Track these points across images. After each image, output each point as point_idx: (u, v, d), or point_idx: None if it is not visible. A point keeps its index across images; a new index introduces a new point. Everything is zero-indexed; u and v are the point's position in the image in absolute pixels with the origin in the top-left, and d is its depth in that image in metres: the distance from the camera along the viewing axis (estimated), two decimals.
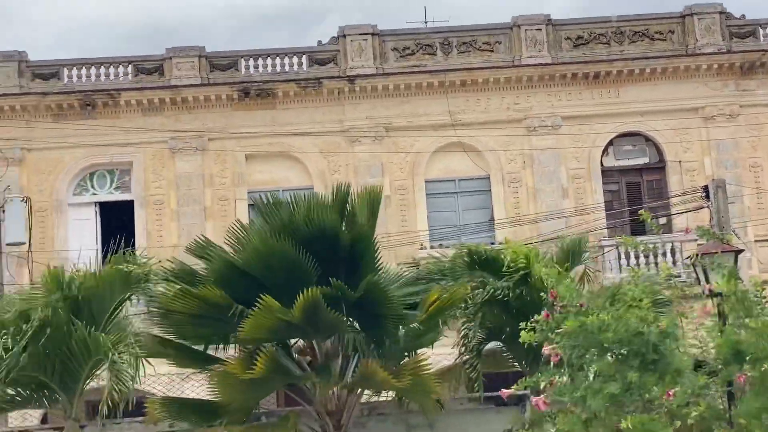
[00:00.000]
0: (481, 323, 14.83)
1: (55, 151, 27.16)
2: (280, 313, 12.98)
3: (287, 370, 14.01)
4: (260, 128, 27.42)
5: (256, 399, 14.09)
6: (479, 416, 15.61)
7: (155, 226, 27.15)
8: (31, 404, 14.20)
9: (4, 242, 24.29)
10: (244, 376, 12.90)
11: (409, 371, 13.34)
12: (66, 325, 13.46)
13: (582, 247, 16.07)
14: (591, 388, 9.19)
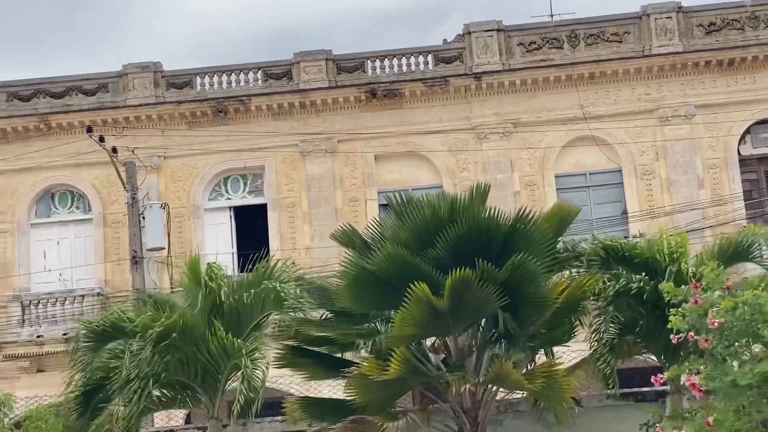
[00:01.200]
0: (614, 317, 14.56)
1: (190, 158, 27.90)
2: (431, 301, 12.97)
3: (421, 369, 14.04)
4: (388, 128, 27.60)
5: (392, 399, 14.16)
6: (617, 412, 15.38)
7: (288, 229, 27.59)
8: (176, 404, 14.59)
9: (145, 248, 25.02)
10: (379, 377, 12.99)
11: (542, 374, 13.19)
12: (206, 329, 13.77)
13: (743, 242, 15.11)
14: (741, 371, 8.97)
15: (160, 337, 13.12)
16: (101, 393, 14.05)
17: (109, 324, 14.33)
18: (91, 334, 14.38)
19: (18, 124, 28.02)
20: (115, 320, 14.34)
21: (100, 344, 14.31)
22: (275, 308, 14.27)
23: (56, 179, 28.19)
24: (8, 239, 27.85)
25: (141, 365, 12.84)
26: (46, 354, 26.48)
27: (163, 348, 13.08)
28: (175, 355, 13.21)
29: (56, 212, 28.49)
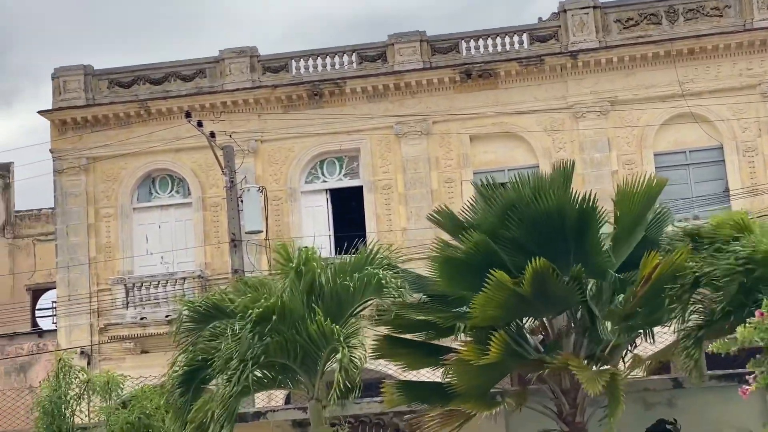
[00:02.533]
0: (703, 300, 14.17)
1: (287, 141, 28.16)
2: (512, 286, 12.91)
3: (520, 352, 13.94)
4: (483, 109, 27.45)
5: (491, 382, 14.09)
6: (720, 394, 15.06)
7: (384, 210, 27.67)
8: (276, 385, 14.75)
9: (243, 231, 25.34)
10: (478, 362, 12.94)
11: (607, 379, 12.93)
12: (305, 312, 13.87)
13: None
14: None
15: (259, 319, 13.25)
16: (203, 373, 14.26)
17: (212, 304, 14.50)
18: (194, 314, 14.57)
19: (119, 111, 28.62)
20: (217, 301, 14.51)
21: (202, 324, 14.51)
22: (376, 294, 14.30)
23: (156, 164, 28.74)
24: (111, 223, 28.50)
25: (241, 346, 13.00)
26: (150, 335, 27.08)
27: (262, 329, 13.21)
28: (274, 337, 13.32)
29: (157, 196, 29.04)
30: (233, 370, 12.92)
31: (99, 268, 28.22)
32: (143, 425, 15.96)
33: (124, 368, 25.18)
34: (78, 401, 16.92)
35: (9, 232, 35.39)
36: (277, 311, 13.33)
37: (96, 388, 16.91)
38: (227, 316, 14.19)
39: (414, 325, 14.61)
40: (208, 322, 14.44)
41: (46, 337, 29.74)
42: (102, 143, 28.59)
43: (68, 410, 16.77)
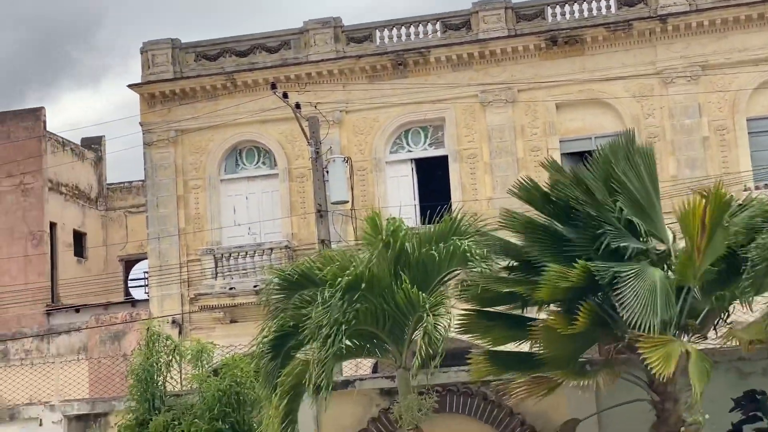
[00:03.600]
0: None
1: (371, 111, 28.16)
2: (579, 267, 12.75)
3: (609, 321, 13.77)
4: (569, 76, 27.09)
5: (579, 351, 13.94)
6: None
7: (469, 180, 27.55)
8: (364, 353, 14.80)
9: (329, 201, 25.48)
10: (566, 331, 12.83)
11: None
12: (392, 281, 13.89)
13: None
14: None
15: (348, 287, 13.30)
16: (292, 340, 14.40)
17: (300, 273, 14.60)
18: (283, 282, 14.68)
19: (206, 83, 28.92)
20: (305, 269, 14.60)
21: (291, 292, 14.62)
22: (461, 265, 14.25)
23: (243, 136, 29.01)
24: (200, 195, 28.89)
25: (332, 312, 13.08)
26: (239, 305, 27.44)
27: (351, 297, 13.27)
28: (363, 305, 13.38)
29: (244, 168, 29.33)
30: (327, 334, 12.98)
31: (188, 239, 28.66)
32: (234, 392, 16.17)
33: (214, 337, 25.58)
34: (169, 369, 17.22)
35: (101, 204, 36.19)
36: (365, 279, 13.37)
37: (186, 356, 17.19)
38: (315, 284, 14.27)
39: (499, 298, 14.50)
40: (297, 290, 14.53)
41: (138, 306, 30.37)
42: (190, 116, 28.94)
43: (160, 377, 17.08)
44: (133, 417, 16.80)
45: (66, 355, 27.60)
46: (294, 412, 13.76)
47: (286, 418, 13.60)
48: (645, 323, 12.24)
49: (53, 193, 33.14)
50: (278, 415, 13.46)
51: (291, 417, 13.69)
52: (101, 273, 34.75)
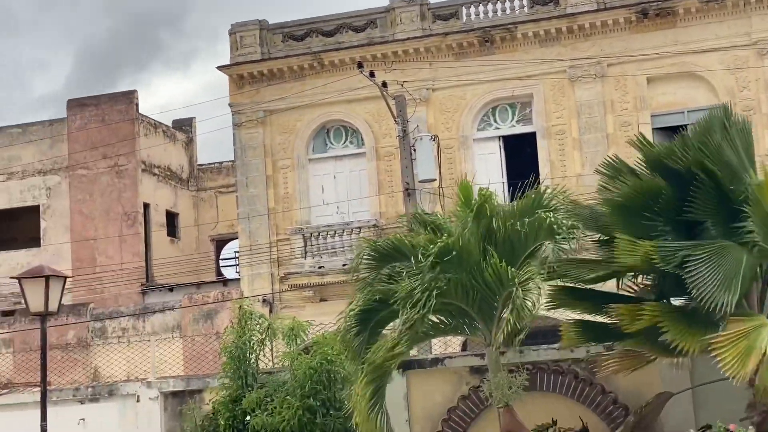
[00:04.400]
0: None
1: (458, 89, 28.04)
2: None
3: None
4: (661, 49, 26.59)
5: None
6: None
7: (558, 156, 27.28)
8: (453, 331, 14.79)
9: (417, 179, 25.48)
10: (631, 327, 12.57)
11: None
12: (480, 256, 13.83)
13: None
14: None
15: (438, 258, 13.26)
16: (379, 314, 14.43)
17: (391, 245, 14.58)
18: (374, 254, 14.68)
19: (293, 63, 29.10)
20: (396, 242, 14.58)
21: (380, 265, 14.63)
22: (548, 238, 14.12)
23: (330, 115, 29.14)
24: (289, 175, 29.14)
25: (421, 281, 13.06)
26: (328, 284, 27.64)
27: (440, 270, 13.23)
28: (451, 279, 13.34)
29: (332, 147, 29.48)
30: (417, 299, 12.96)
31: (278, 218, 28.95)
32: (325, 370, 16.32)
33: (304, 316, 25.76)
34: (261, 347, 17.44)
35: (193, 185, 36.76)
36: (453, 252, 13.31)
37: (278, 334, 17.38)
38: (405, 257, 14.27)
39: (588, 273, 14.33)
40: (387, 263, 14.54)
41: (230, 285, 30.81)
42: (278, 96, 29.17)
43: (253, 355, 17.31)
44: (227, 394, 17.07)
45: (161, 333, 28.15)
46: (382, 389, 13.80)
47: (374, 395, 13.66)
48: (719, 302, 11.78)
49: (146, 174, 33.76)
50: (365, 392, 13.52)
51: (379, 394, 13.73)
52: (193, 252, 35.33)
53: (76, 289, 30.59)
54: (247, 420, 16.56)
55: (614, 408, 15.07)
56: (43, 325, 15.03)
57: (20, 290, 15.15)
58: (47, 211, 33.45)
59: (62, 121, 33.87)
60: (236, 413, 16.77)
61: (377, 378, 13.63)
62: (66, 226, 33.11)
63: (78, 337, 29.72)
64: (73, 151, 33.31)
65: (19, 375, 29.30)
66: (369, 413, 13.51)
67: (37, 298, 14.76)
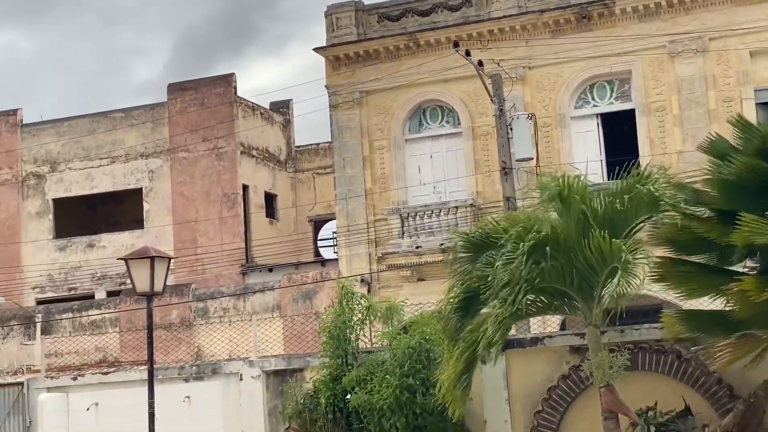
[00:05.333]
0: None
1: (555, 67, 27.76)
2: None
3: None
4: (764, 21, 25.89)
5: None
6: None
7: (657, 133, 26.84)
8: (552, 310, 14.74)
9: (513, 159, 25.34)
10: (759, 297, 12.34)
11: None
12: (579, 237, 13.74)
13: None
14: None
15: (533, 247, 13.25)
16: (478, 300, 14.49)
17: (484, 235, 14.65)
18: (467, 245, 14.79)
19: (389, 44, 29.14)
20: (489, 231, 14.63)
21: (476, 254, 14.71)
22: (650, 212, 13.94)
23: (426, 95, 29.11)
24: (385, 155, 29.24)
25: (515, 272, 13.07)
26: (425, 263, 27.71)
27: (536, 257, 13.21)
28: (549, 263, 13.30)
29: (428, 127, 29.48)
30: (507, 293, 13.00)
31: (375, 198, 29.10)
32: (424, 349, 16.42)
33: (402, 295, 25.94)
34: (361, 326, 17.61)
35: (290, 166, 37.17)
36: (550, 239, 13.28)
37: (377, 314, 17.53)
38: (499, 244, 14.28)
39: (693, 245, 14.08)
40: (482, 252, 14.59)
41: (328, 265, 31.11)
42: (374, 77, 29.26)
43: (353, 335, 17.49)
44: (327, 372, 17.31)
45: (261, 312, 28.57)
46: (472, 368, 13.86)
47: (464, 373, 13.72)
48: None
49: (245, 156, 34.24)
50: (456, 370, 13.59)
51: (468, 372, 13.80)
52: (291, 233, 35.75)
53: (179, 269, 31.22)
54: (348, 398, 16.78)
55: (719, 388, 14.88)
56: (149, 305, 15.41)
57: (126, 271, 15.55)
58: (150, 194, 34.19)
59: (163, 105, 34.53)
60: (336, 392, 17.01)
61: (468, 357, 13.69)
62: (168, 208, 33.80)
63: (181, 316, 30.37)
64: (174, 134, 33.96)
65: (125, 354, 30.11)
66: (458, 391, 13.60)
67: (143, 278, 15.14)
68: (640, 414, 14.50)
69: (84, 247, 34.42)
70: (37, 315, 31.37)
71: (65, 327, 31.33)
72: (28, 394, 19.26)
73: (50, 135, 35.36)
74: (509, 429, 16.35)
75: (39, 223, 35.05)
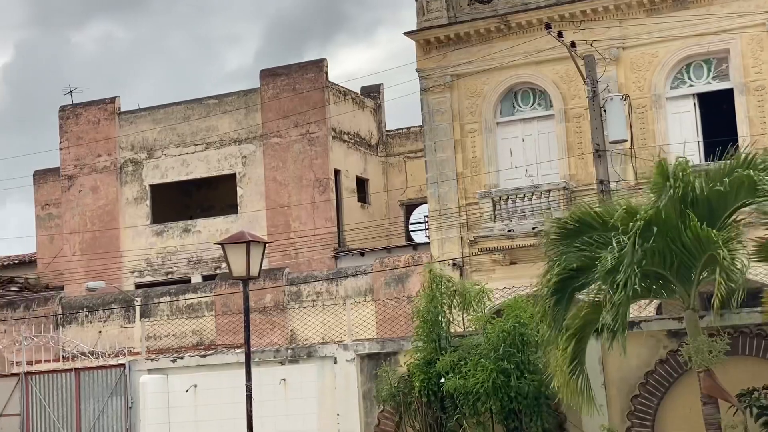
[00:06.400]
0: None
1: (650, 47, 27.28)
2: None
3: None
4: None
5: None
6: None
7: (757, 113, 26.21)
8: (650, 295, 14.59)
9: (607, 141, 25.01)
10: None
11: None
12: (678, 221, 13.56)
13: None
14: None
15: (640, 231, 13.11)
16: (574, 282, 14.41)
17: (578, 219, 14.57)
18: (561, 230, 14.71)
19: (480, 27, 28.96)
20: (582, 215, 14.53)
21: (571, 238, 14.62)
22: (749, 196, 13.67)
23: (518, 78, 28.88)
24: (476, 138, 29.12)
25: (624, 255, 12.95)
26: (517, 247, 27.56)
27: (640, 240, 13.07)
28: (649, 246, 13.14)
29: (519, 110, 29.26)
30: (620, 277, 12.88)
31: (466, 182, 29.01)
32: (518, 333, 16.35)
33: (495, 279, 25.90)
34: (453, 311, 17.61)
35: (382, 150, 37.26)
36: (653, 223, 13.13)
37: (467, 298, 17.50)
38: (595, 229, 14.18)
39: None
40: (576, 236, 14.52)
41: (420, 249, 31.13)
42: (464, 60, 29.13)
43: (445, 319, 17.50)
44: (421, 356, 17.36)
45: (353, 296, 28.78)
46: (581, 354, 13.79)
47: (574, 360, 13.64)
48: None
49: (336, 141, 34.42)
50: (566, 357, 13.52)
51: (578, 359, 13.72)
52: (383, 218, 35.86)
53: (272, 254, 31.58)
54: (441, 382, 16.81)
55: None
56: (245, 288, 15.63)
57: (223, 255, 15.78)
58: (243, 179, 34.62)
59: (255, 91, 34.88)
60: (430, 375, 17.05)
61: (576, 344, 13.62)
62: (261, 193, 34.18)
63: (275, 300, 30.75)
64: (267, 120, 34.30)
65: (221, 337, 30.63)
66: (570, 377, 13.53)
67: (239, 262, 15.36)
68: (743, 394, 14.24)
69: (180, 232, 35.04)
70: (136, 299, 32.10)
71: (163, 310, 32.01)
72: (129, 375, 19.72)
73: (147, 122, 36.04)
74: (605, 413, 16.20)
75: (137, 208, 35.79)
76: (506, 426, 16.58)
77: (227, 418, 18.56)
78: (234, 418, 17.74)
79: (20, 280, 38.33)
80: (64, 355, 21.78)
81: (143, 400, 19.39)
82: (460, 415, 16.73)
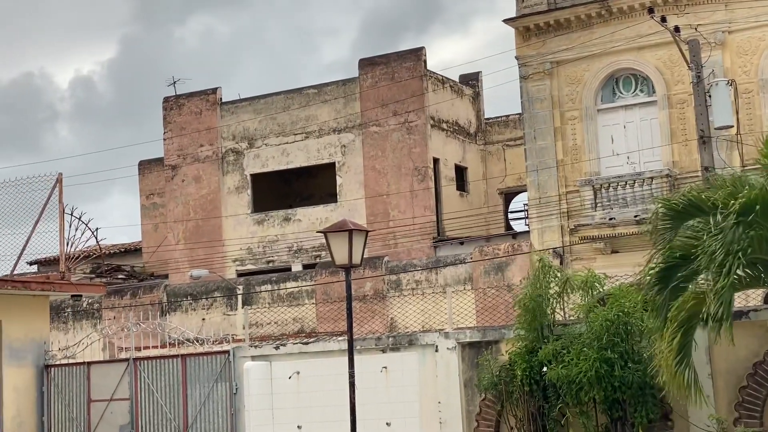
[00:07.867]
0: None
1: (757, 30, 26.68)
2: None
3: None
4: None
5: None
6: None
7: None
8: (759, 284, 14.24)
9: (712, 127, 24.52)
10: None
11: None
12: None
13: None
14: None
15: (742, 211, 12.76)
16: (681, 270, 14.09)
17: (687, 201, 14.21)
18: (670, 212, 14.37)
19: (580, 12, 28.64)
20: (693, 197, 14.17)
21: (677, 222, 14.29)
22: None
23: (619, 64, 28.50)
24: (577, 126, 28.82)
25: (725, 237, 12.62)
26: (619, 235, 27.22)
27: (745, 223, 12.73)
28: (757, 231, 12.80)
29: (621, 96, 28.86)
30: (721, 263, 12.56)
31: (566, 170, 28.75)
32: (622, 322, 16.14)
33: (595, 268, 25.38)
34: (557, 299, 17.45)
35: (480, 138, 37.13)
36: (759, 203, 12.75)
37: (574, 286, 17.32)
38: (704, 213, 13.84)
39: None
40: (684, 220, 14.18)
41: (519, 238, 30.98)
42: (564, 47, 28.85)
43: (548, 308, 17.36)
44: (523, 345, 17.26)
45: (453, 285, 28.76)
46: (688, 345, 13.52)
47: (680, 351, 13.40)
48: None
49: (435, 129, 34.41)
50: (671, 350, 13.28)
51: (685, 350, 13.46)
52: (482, 206, 35.75)
53: (371, 242, 31.66)
54: (544, 371, 16.69)
55: None
56: (348, 277, 15.74)
57: (326, 244, 15.91)
58: (342, 168, 34.85)
59: (354, 81, 35.05)
60: (533, 364, 16.94)
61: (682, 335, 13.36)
62: (360, 182, 34.37)
63: (375, 288, 30.92)
64: (365, 109, 34.46)
65: (322, 324, 30.94)
66: (676, 369, 13.30)
67: (341, 251, 15.46)
68: None
69: (280, 220, 35.46)
70: (238, 287, 32.61)
71: (264, 298, 32.45)
72: (234, 361, 20.03)
73: (247, 112, 36.53)
74: (712, 404, 15.91)
75: (238, 198, 36.33)
76: (610, 416, 16.39)
77: (330, 405, 18.73)
78: (336, 405, 17.88)
79: (126, 269, 39.29)
80: (170, 342, 22.25)
81: (247, 386, 19.68)
82: (562, 404, 16.60)
